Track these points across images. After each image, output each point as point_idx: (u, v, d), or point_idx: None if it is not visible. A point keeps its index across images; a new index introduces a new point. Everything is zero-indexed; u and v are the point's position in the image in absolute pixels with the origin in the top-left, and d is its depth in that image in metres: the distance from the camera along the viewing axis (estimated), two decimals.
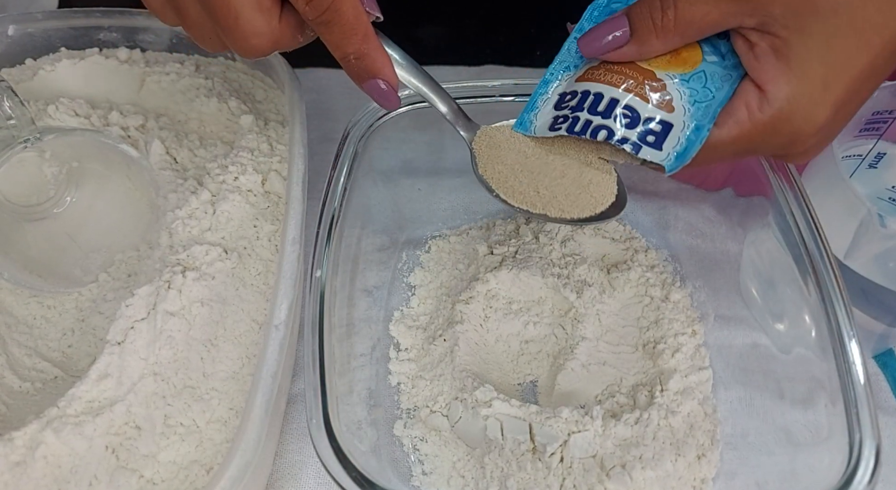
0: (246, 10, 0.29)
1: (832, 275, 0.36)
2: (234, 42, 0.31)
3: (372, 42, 0.32)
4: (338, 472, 0.31)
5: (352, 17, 0.31)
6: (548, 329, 0.47)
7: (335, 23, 0.31)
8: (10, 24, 0.47)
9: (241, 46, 0.31)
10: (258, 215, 0.43)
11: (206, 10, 0.30)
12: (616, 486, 0.38)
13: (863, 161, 0.46)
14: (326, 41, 0.32)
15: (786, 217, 0.39)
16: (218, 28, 0.30)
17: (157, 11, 0.32)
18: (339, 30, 0.31)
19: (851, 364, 0.33)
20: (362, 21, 0.31)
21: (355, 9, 0.31)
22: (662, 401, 0.41)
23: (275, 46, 0.32)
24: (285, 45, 0.32)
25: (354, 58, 0.32)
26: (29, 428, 0.34)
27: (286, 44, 0.32)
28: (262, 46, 0.31)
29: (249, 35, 0.30)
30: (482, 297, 0.47)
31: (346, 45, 0.32)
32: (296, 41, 0.32)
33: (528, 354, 0.46)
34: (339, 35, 0.31)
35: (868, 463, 0.31)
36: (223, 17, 0.29)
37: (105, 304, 0.43)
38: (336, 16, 0.30)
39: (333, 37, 0.31)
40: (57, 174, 0.44)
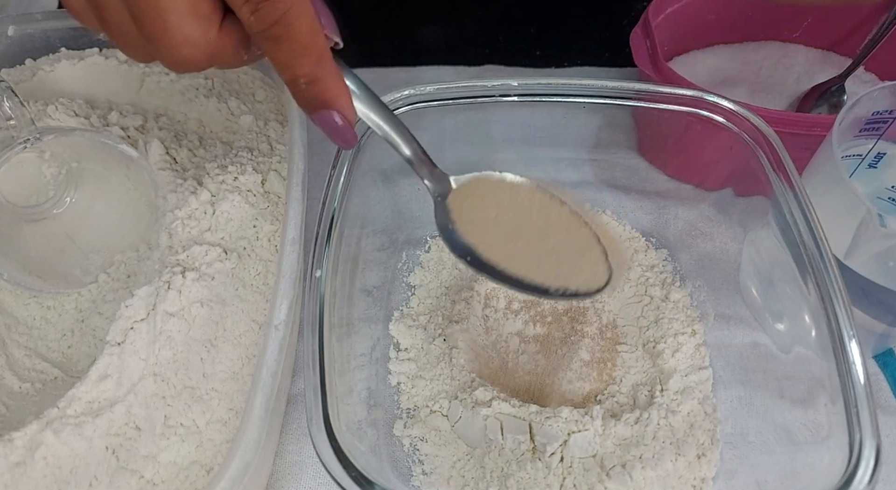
0: (176, 15, 0.25)
1: (832, 275, 0.36)
2: (161, 52, 0.26)
3: (327, 66, 0.28)
4: (338, 472, 0.31)
5: (306, 34, 0.26)
6: (547, 328, 0.47)
7: (285, 39, 0.26)
8: (10, 25, 0.47)
9: (168, 57, 0.27)
10: (258, 215, 0.43)
11: (131, 13, 0.26)
12: (616, 485, 0.38)
13: (862, 161, 0.46)
14: (274, 60, 0.27)
15: (786, 217, 0.39)
16: (143, 34, 0.26)
17: (78, 14, 0.28)
18: (289, 48, 0.27)
19: (851, 364, 0.33)
20: (318, 41, 0.27)
21: (311, 26, 0.26)
22: (662, 400, 0.42)
23: (210, 61, 0.27)
24: (225, 62, 0.28)
25: (305, 83, 0.28)
26: (29, 428, 0.34)
27: (226, 60, 0.28)
28: (193, 58, 0.27)
29: (179, 44, 0.26)
30: (482, 297, 0.47)
31: (296, 67, 0.27)
32: (238, 58, 0.28)
33: (527, 354, 0.46)
34: (289, 54, 0.27)
35: (868, 462, 0.31)
36: (149, 22, 0.25)
37: (105, 304, 0.43)
38: (287, 30, 0.26)
39: (282, 55, 0.27)
40: (56, 175, 0.44)
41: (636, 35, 0.52)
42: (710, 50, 0.60)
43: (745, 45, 0.60)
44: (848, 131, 0.43)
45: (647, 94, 0.44)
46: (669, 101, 0.44)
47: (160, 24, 0.25)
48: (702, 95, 0.43)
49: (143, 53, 0.28)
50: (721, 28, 0.59)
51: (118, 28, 0.27)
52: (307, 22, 0.26)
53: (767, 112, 0.45)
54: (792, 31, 0.60)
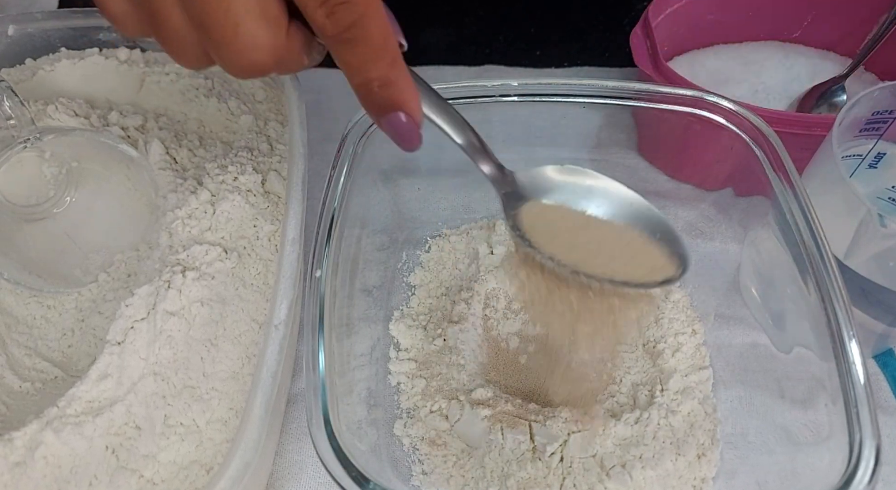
0: (249, 18, 0.24)
1: (832, 275, 0.36)
2: (229, 56, 0.26)
3: (400, 68, 0.27)
4: (338, 472, 0.31)
5: (380, 36, 0.26)
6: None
7: (360, 41, 0.26)
8: (10, 24, 0.47)
9: (236, 62, 0.26)
10: (258, 215, 0.43)
11: (195, 17, 0.25)
12: (616, 485, 0.38)
13: (863, 161, 0.46)
14: (345, 63, 0.27)
15: (786, 217, 0.39)
16: (208, 39, 0.25)
17: (118, 19, 0.27)
18: (364, 51, 0.26)
19: (851, 364, 0.33)
20: (391, 43, 0.27)
21: (384, 27, 0.26)
22: (662, 400, 0.42)
23: (277, 66, 0.26)
24: (288, 66, 0.27)
25: (378, 86, 0.27)
26: (29, 428, 0.34)
27: (290, 64, 0.27)
28: (262, 63, 0.26)
29: (249, 49, 0.25)
30: (482, 297, 0.47)
31: (370, 69, 0.27)
32: (301, 62, 0.27)
33: (527, 354, 0.46)
34: (363, 57, 0.26)
35: (868, 462, 0.31)
36: (218, 26, 0.24)
37: (105, 304, 0.43)
38: (363, 33, 0.25)
39: (356, 58, 0.26)
40: (56, 174, 0.44)
41: (636, 35, 0.52)
42: (710, 50, 0.60)
43: (745, 45, 0.60)
44: (848, 131, 0.43)
45: (647, 94, 0.44)
46: (669, 101, 0.44)
47: (231, 28, 0.25)
48: (702, 95, 0.43)
49: (201, 60, 0.27)
50: (721, 28, 0.59)
51: (175, 34, 0.26)
52: (381, 24, 0.26)
53: (767, 112, 0.45)
54: (792, 31, 0.60)
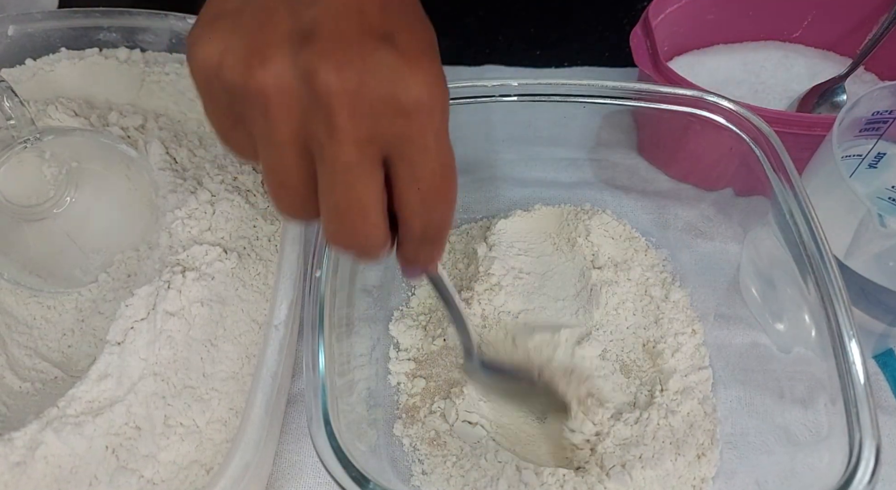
0: (374, 210, 0.26)
1: (832, 275, 0.36)
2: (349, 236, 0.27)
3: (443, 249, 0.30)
4: (338, 472, 0.31)
5: (447, 229, 0.28)
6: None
7: (440, 240, 0.28)
8: (10, 24, 0.47)
9: (349, 241, 0.27)
10: (258, 215, 0.43)
11: (329, 196, 0.25)
12: (616, 485, 0.38)
13: (862, 161, 0.46)
14: (416, 253, 0.29)
15: (786, 217, 0.39)
16: (336, 217, 0.26)
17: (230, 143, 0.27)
18: (439, 246, 0.29)
19: (851, 364, 0.33)
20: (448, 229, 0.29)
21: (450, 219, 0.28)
22: (662, 400, 0.41)
23: (380, 252, 0.28)
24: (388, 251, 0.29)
25: (424, 266, 0.31)
26: (29, 428, 0.34)
27: (387, 249, 0.28)
28: (375, 249, 0.27)
29: (369, 236, 0.26)
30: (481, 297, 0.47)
31: (431, 260, 0.30)
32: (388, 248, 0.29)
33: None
34: (437, 250, 0.29)
35: (868, 462, 0.31)
36: (350, 211, 0.25)
37: (105, 304, 0.43)
38: (444, 234, 0.28)
39: (431, 251, 0.29)
40: (56, 174, 0.44)
41: (636, 35, 0.52)
42: (710, 50, 0.60)
43: (745, 45, 0.60)
44: (848, 131, 0.43)
45: (647, 94, 0.44)
46: (669, 101, 0.44)
47: (360, 215, 0.26)
48: (702, 95, 0.43)
49: (305, 213, 0.27)
50: (721, 28, 0.59)
51: (289, 188, 0.26)
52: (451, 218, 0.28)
53: (767, 112, 0.45)
54: (792, 31, 0.60)
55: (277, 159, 0.25)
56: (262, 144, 0.25)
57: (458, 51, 0.64)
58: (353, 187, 0.25)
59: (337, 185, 0.25)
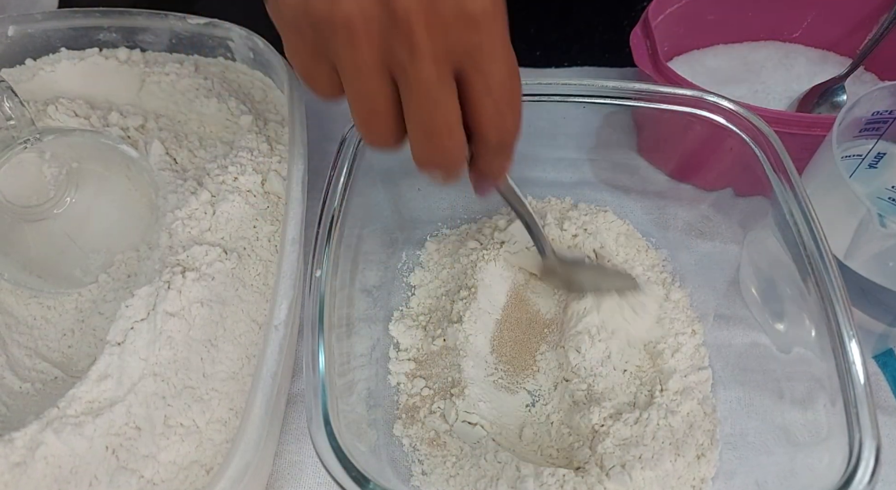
0: (457, 126, 0.28)
1: (832, 275, 0.36)
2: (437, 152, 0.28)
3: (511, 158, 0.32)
4: (338, 472, 0.31)
5: (515, 141, 0.30)
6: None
7: (511, 146, 0.30)
8: (10, 25, 0.47)
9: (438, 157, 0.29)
10: (258, 216, 0.43)
11: (416, 116, 0.27)
12: (616, 485, 0.38)
13: (862, 161, 0.46)
14: (490, 164, 0.31)
15: (786, 217, 0.39)
16: (424, 136, 0.28)
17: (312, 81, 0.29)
18: (510, 153, 0.31)
19: (851, 364, 0.33)
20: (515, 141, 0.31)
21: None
22: (662, 400, 0.41)
23: (461, 165, 0.30)
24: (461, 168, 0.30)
25: (497, 174, 0.32)
26: (29, 428, 0.34)
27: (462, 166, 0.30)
28: (458, 161, 0.29)
29: (455, 149, 0.29)
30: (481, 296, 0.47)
31: (506, 167, 0.32)
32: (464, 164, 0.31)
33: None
34: (508, 158, 0.31)
35: (868, 463, 0.31)
36: (439, 128, 0.27)
37: (105, 304, 0.43)
38: (515, 141, 0.30)
39: (503, 160, 0.31)
40: (57, 175, 0.44)
41: (636, 35, 0.52)
42: (710, 50, 0.60)
43: (745, 45, 0.60)
44: (848, 131, 0.43)
45: (647, 94, 0.44)
46: (669, 101, 0.44)
47: (447, 131, 0.28)
48: (702, 95, 0.43)
49: (394, 140, 0.29)
50: (721, 28, 0.59)
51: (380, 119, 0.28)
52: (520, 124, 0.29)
53: (767, 112, 0.45)
54: (792, 31, 0.60)
55: (363, 85, 0.27)
56: (348, 74, 0.27)
57: None
58: (438, 104, 0.27)
59: (423, 104, 0.27)
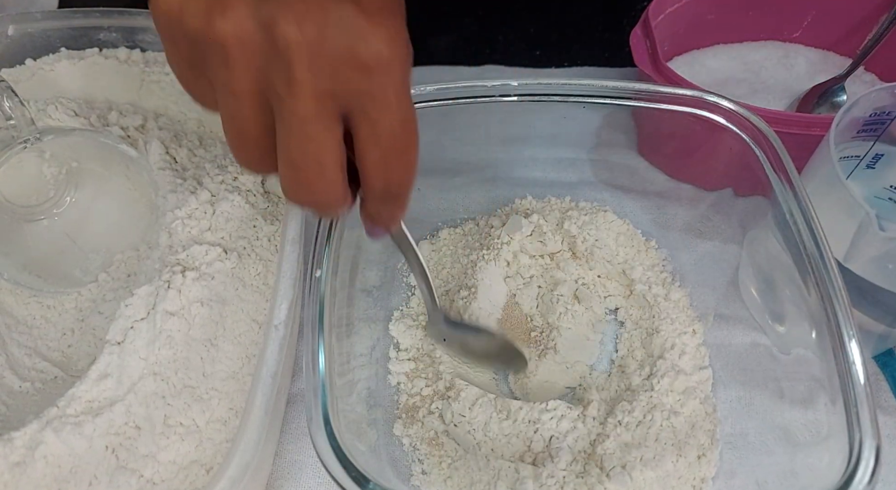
0: (332, 167, 0.26)
1: (832, 275, 0.36)
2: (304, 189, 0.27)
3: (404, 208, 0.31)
4: (338, 472, 0.31)
5: (409, 191, 0.29)
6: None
7: (402, 198, 0.29)
8: (10, 24, 0.47)
9: (306, 195, 0.27)
10: (258, 215, 0.43)
11: (286, 150, 0.26)
12: (616, 486, 0.38)
13: (861, 161, 0.46)
14: (378, 210, 0.30)
15: (786, 217, 0.39)
16: (293, 171, 0.26)
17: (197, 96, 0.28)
18: (401, 203, 0.30)
19: (851, 364, 0.33)
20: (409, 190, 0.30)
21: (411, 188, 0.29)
22: (664, 401, 0.41)
23: (337, 207, 0.28)
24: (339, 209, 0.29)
25: (389, 224, 0.32)
26: (29, 428, 0.34)
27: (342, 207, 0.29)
28: (333, 203, 0.28)
29: (326, 190, 0.27)
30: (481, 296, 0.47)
31: (393, 218, 0.31)
32: (346, 206, 0.29)
33: None
34: (398, 208, 0.30)
35: (868, 463, 0.31)
36: (306, 166, 0.26)
37: (105, 304, 0.43)
38: (405, 192, 0.29)
39: (392, 209, 0.30)
40: (56, 174, 0.44)
41: (636, 35, 0.52)
42: (710, 50, 0.60)
43: (745, 45, 0.60)
44: (846, 132, 0.43)
45: (647, 94, 0.44)
46: (669, 101, 0.44)
47: (316, 170, 0.26)
48: (702, 95, 0.43)
49: (262, 166, 0.28)
50: (721, 28, 0.59)
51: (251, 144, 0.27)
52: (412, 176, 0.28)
53: (767, 112, 0.45)
54: (792, 31, 0.60)
55: (236, 109, 0.25)
56: (221, 93, 0.25)
57: (458, 51, 0.64)
58: (310, 141, 0.25)
59: (293, 138, 0.25)
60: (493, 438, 0.40)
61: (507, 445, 0.40)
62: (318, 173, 0.26)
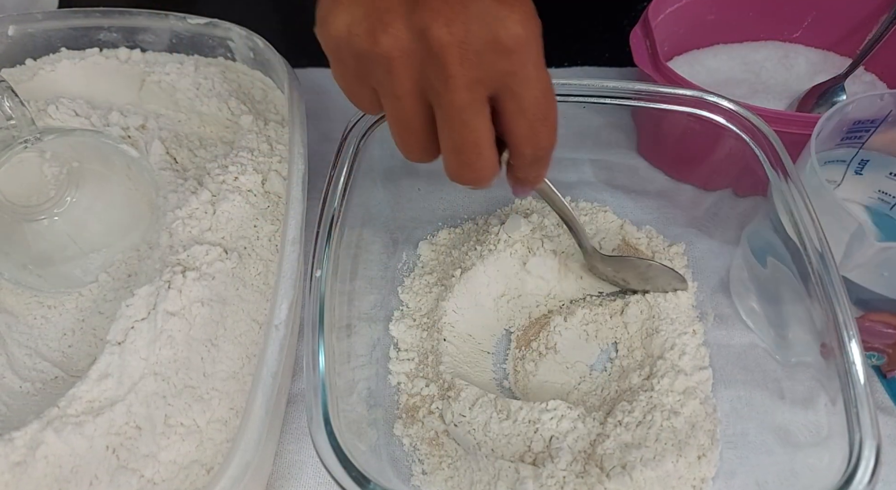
0: (487, 146, 0.30)
1: (832, 275, 0.36)
2: (466, 170, 0.31)
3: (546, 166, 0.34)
4: (338, 472, 0.31)
5: (551, 149, 0.32)
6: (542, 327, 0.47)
7: (547, 158, 0.32)
8: (10, 25, 0.47)
9: (467, 175, 0.31)
10: (258, 215, 0.43)
11: (449, 137, 0.30)
12: (616, 486, 0.38)
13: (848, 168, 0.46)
14: (526, 173, 0.33)
15: (786, 217, 0.39)
16: (456, 155, 0.30)
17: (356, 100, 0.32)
18: (546, 163, 0.33)
19: (851, 364, 0.33)
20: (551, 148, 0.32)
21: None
22: (664, 401, 0.41)
23: (490, 182, 0.32)
24: (498, 177, 0.32)
25: (534, 181, 0.34)
26: (29, 428, 0.34)
27: (498, 176, 0.32)
28: (486, 179, 0.31)
29: (484, 169, 0.30)
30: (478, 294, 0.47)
31: (543, 174, 0.34)
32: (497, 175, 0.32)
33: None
34: (544, 167, 0.33)
35: (868, 463, 0.31)
36: (469, 149, 0.30)
37: (105, 304, 0.43)
38: (550, 152, 0.32)
39: (539, 170, 0.33)
40: (57, 174, 0.44)
41: (636, 35, 0.52)
42: (710, 50, 0.60)
43: (745, 45, 0.60)
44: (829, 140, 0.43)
45: (647, 94, 0.44)
46: (669, 101, 0.44)
47: (475, 152, 0.30)
48: (702, 95, 0.43)
49: (426, 156, 0.32)
50: (721, 28, 0.59)
51: (414, 134, 0.31)
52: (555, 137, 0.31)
53: (767, 112, 0.45)
54: (792, 31, 0.60)
55: (401, 109, 0.29)
56: (386, 98, 0.30)
57: None
58: (467, 126, 0.29)
59: (454, 125, 0.29)
60: (493, 438, 0.40)
61: (507, 445, 0.40)
62: (477, 153, 0.30)
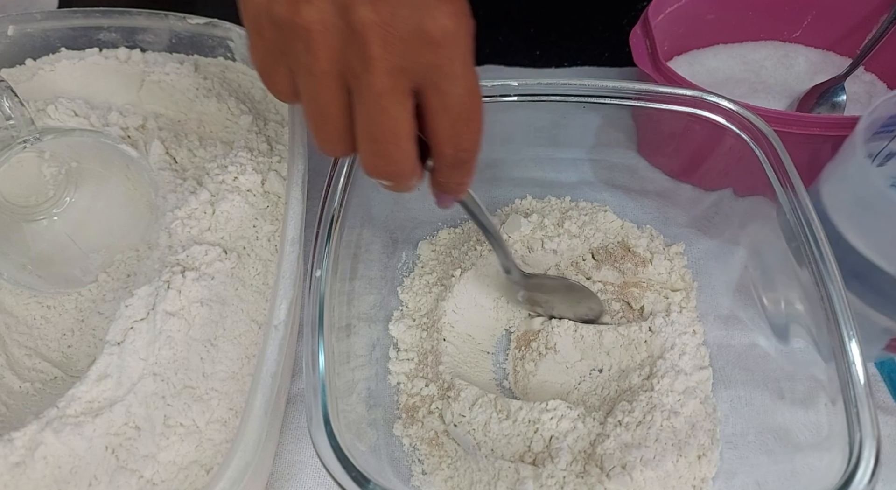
0: (406, 138, 0.28)
1: (833, 275, 0.36)
2: (382, 162, 0.29)
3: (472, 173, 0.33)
4: (338, 472, 0.31)
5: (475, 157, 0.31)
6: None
7: (470, 164, 0.31)
8: (10, 25, 0.47)
9: (382, 167, 0.29)
10: (257, 215, 0.43)
11: (365, 125, 0.28)
12: (616, 486, 0.38)
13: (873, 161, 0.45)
14: (448, 178, 0.32)
15: (786, 216, 0.39)
16: (371, 144, 0.28)
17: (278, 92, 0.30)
18: (469, 170, 0.32)
19: (851, 364, 0.33)
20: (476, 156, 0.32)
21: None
22: (664, 401, 0.41)
23: (408, 178, 0.30)
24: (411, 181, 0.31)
25: (458, 187, 0.33)
26: (29, 428, 0.34)
27: (418, 178, 0.31)
28: (404, 173, 0.30)
29: (400, 161, 0.29)
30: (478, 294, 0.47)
31: (466, 183, 0.33)
32: (416, 178, 0.31)
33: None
34: (467, 175, 0.32)
35: (868, 463, 0.31)
36: (385, 139, 0.28)
37: (104, 304, 0.43)
38: (473, 158, 0.31)
39: (462, 177, 0.32)
40: (56, 174, 0.44)
41: (636, 35, 0.52)
42: (710, 50, 0.60)
43: (745, 45, 0.60)
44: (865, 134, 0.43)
45: (647, 94, 0.44)
46: (669, 101, 0.44)
47: (394, 142, 0.28)
48: (702, 95, 0.43)
49: (342, 149, 0.30)
50: (721, 28, 0.59)
51: (330, 123, 0.29)
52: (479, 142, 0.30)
53: (767, 112, 0.45)
54: (792, 31, 0.60)
55: (318, 90, 0.28)
56: (303, 77, 0.28)
57: None
58: (386, 113, 0.27)
59: (371, 112, 0.27)
60: (493, 438, 0.40)
61: (507, 445, 0.40)
62: (394, 144, 0.28)
